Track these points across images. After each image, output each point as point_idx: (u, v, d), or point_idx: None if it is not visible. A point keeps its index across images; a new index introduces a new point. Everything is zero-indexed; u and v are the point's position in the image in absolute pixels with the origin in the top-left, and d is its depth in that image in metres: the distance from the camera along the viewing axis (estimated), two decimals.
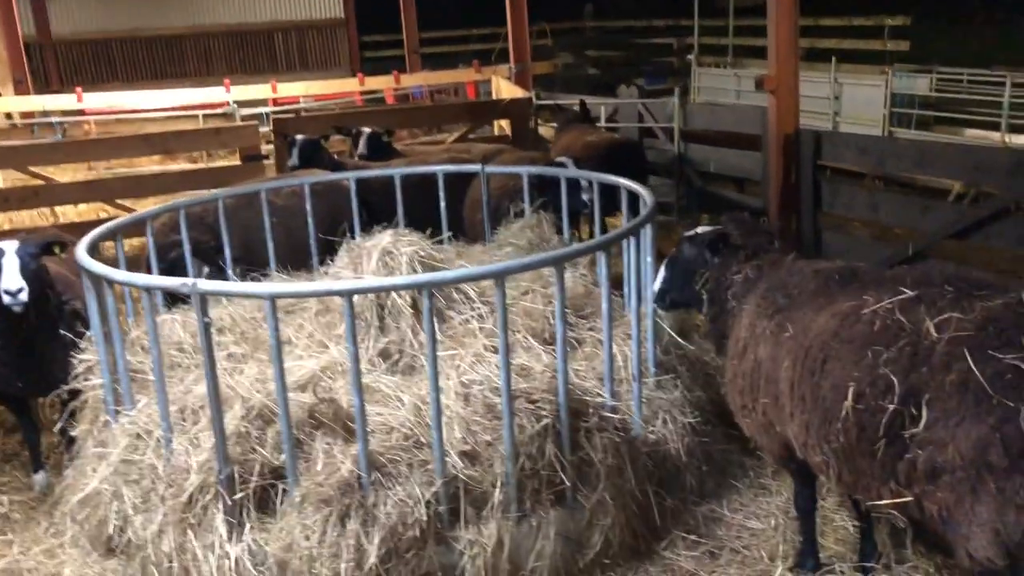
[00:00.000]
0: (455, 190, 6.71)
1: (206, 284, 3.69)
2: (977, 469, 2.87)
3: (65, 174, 11.52)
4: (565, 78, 21.09)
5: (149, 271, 5.91)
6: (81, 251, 4.30)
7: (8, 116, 14.01)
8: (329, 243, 5.79)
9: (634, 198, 5.35)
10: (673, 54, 20.70)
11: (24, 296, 4.40)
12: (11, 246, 4.49)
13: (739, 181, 9.54)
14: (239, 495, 3.80)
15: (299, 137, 7.59)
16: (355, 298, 3.93)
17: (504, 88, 12.63)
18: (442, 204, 6.27)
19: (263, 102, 12.88)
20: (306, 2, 23.09)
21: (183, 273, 5.75)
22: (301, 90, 13.69)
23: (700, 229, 4.39)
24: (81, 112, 12.88)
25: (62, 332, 4.70)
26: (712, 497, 4.63)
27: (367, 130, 8.42)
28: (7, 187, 9.29)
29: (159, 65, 22.11)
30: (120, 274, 4.05)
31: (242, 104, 12.23)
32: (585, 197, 5.87)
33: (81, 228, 6.11)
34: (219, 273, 5.72)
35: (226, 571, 3.75)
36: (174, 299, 5.42)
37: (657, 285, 4.42)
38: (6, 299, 4.39)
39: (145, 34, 21.81)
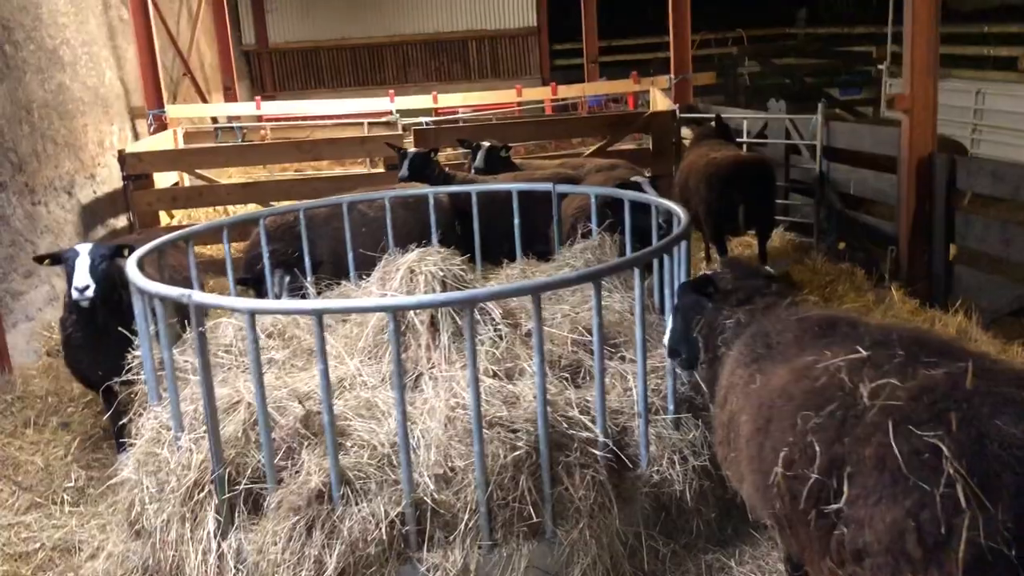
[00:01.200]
0: (542, 207, 6.71)
1: (200, 296, 3.94)
2: (895, 557, 2.58)
3: (239, 174, 12.55)
4: (754, 88, 20.38)
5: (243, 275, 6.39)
6: (131, 258, 4.69)
7: (214, 120, 15.39)
8: None
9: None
10: (872, 62, 19.46)
11: (90, 293, 4.89)
12: (85, 248, 4.99)
13: (880, 204, 8.87)
14: (228, 495, 4.03)
15: (410, 150, 7.85)
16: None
17: (659, 100, 12.44)
18: (516, 220, 6.30)
19: (426, 111, 13.38)
20: (500, 12, 23.65)
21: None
22: (460, 100, 14.09)
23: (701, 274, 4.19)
24: (259, 119, 13.94)
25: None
26: (722, 546, 4.39)
27: (486, 144, 8.57)
28: (177, 187, 10.20)
29: (361, 72, 23.42)
30: (138, 279, 4.35)
31: (404, 113, 12.77)
32: (661, 220, 5.65)
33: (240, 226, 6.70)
34: (295, 281, 6.06)
35: (210, 565, 3.99)
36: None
37: (666, 338, 4.25)
38: (75, 295, 4.90)
39: (349, 43, 23.17)
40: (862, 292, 7.94)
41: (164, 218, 10.87)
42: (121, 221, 10.62)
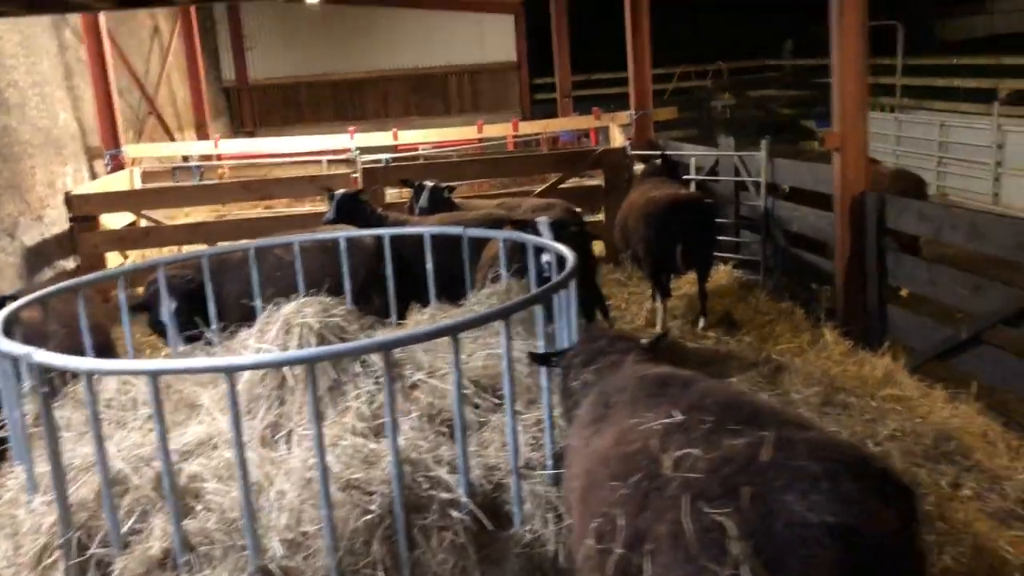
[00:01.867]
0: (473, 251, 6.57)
1: (40, 356, 3.82)
2: None
3: (201, 213, 12.51)
4: (726, 120, 20.38)
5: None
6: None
7: (185, 159, 15.34)
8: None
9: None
10: None
11: None
12: None
13: (821, 242, 8.75)
14: (77, 560, 3.89)
15: (338, 192, 7.76)
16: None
17: (616, 136, 12.38)
18: (428, 265, 6.19)
19: (387, 148, 13.33)
20: (480, 46, 23.72)
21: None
22: (421, 137, 14.04)
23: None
24: (218, 157, 13.91)
25: None
26: None
27: (429, 184, 8.48)
28: (124, 229, 10.14)
29: (341, 107, 23.49)
30: None
31: (365, 150, 12.72)
32: (544, 260, 5.53)
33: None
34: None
35: None
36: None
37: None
38: None
39: (329, 79, 23.26)
40: (799, 332, 7.81)
41: (117, 258, 10.79)
42: (69, 263, 10.55)
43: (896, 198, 6.95)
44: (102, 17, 11.67)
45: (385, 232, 6.38)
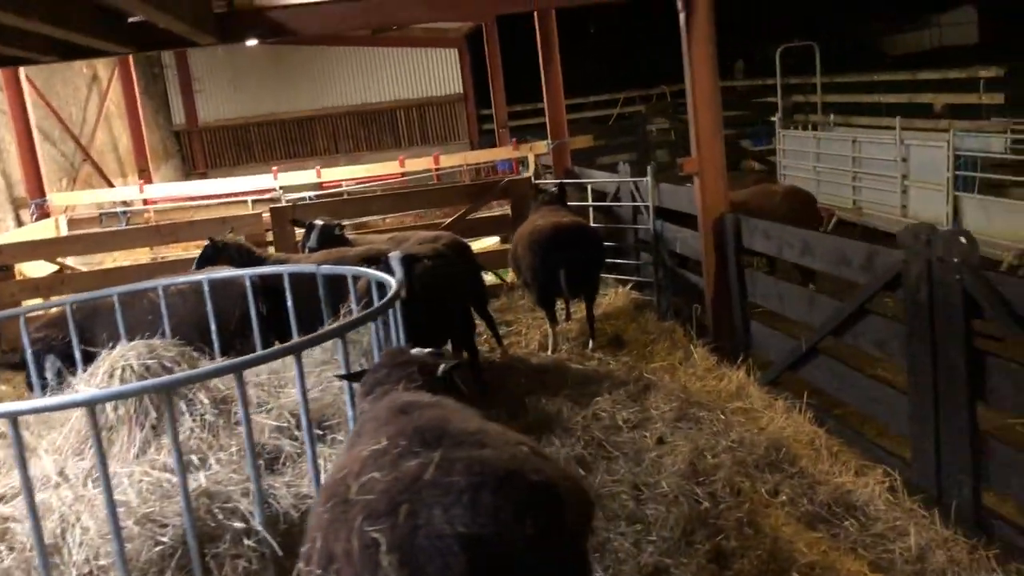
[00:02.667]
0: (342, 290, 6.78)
1: None
2: None
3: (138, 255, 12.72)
4: (671, 143, 20.76)
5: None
6: None
7: (125, 204, 15.59)
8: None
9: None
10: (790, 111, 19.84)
11: None
12: None
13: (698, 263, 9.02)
14: None
15: (218, 237, 8.01)
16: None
17: (532, 165, 12.69)
18: (288, 303, 6.39)
19: (311, 187, 13.61)
20: (427, 80, 24.14)
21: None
22: (346, 174, 14.33)
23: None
24: (144, 202, 14.17)
25: None
26: None
27: (319, 222, 8.73)
28: (40, 277, 10.35)
29: (291, 145, 23.82)
30: None
31: (289, 189, 13.01)
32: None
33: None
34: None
35: None
36: None
37: None
38: None
39: (278, 118, 23.60)
40: (675, 350, 8.07)
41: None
42: None
43: (748, 219, 7.23)
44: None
45: (246, 272, 6.60)
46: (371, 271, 5.86)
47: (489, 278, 9.86)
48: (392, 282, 5.31)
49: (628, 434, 6.45)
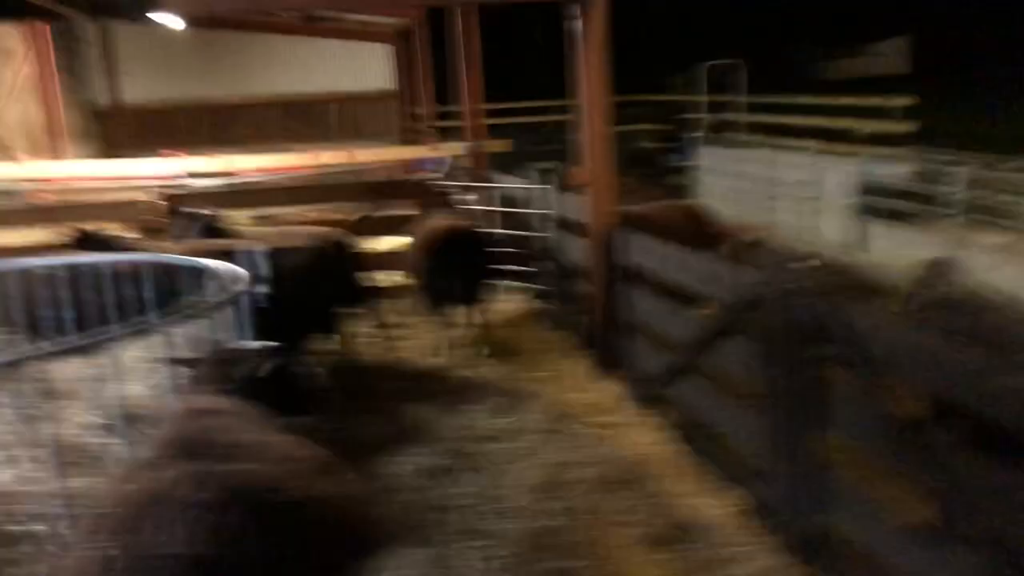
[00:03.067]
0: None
1: None
2: None
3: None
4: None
5: None
6: None
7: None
8: None
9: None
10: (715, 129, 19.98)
11: None
12: None
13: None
14: None
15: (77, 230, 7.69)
16: None
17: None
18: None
19: (220, 174, 13.24)
20: (359, 75, 23.83)
21: None
22: (256, 163, 13.99)
23: None
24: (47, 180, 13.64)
25: None
26: None
27: (204, 213, 8.49)
28: None
29: (217, 132, 23.28)
30: None
31: (199, 176, 12.62)
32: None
33: None
34: None
35: None
36: None
37: None
38: None
39: (206, 103, 23.08)
40: (561, 360, 8.01)
41: None
42: None
43: (629, 234, 7.17)
44: None
45: (56, 261, 6.32)
46: (214, 264, 5.60)
47: (394, 280, 9.75)
48: (241, 276, 5.14)
49: (497, 445, 6.35)
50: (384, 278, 9.74)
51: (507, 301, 9.79)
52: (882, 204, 11.96)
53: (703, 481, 5.60)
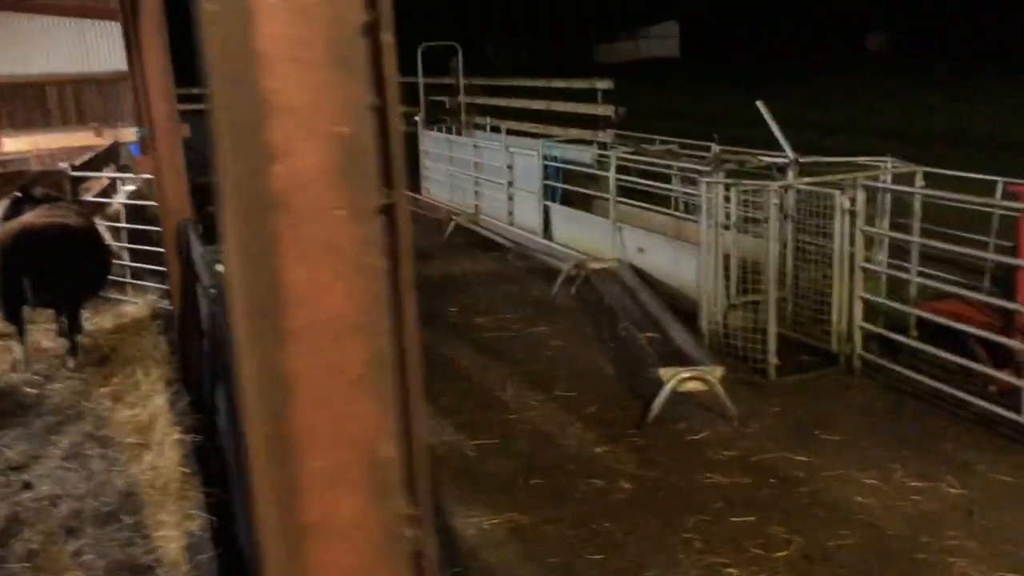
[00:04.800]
0: None
1: None
2: None
3: None
4: None
5: None
6: None
7: None
8: None
9: None
10: (447, 112, 19.62)
11: None
12: None
13: None
14: None
15: None
16: None
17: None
18: None
19: None
20: (84, 56, 22.03)
21: None
22: None
23: None
24: None
25: None
26: None
27: None
28: None
29: None
30: None
31: None
32: None
33: None
34: None
35: None
36: None
37: None
38: None
39: None
40: (148, 369, 7.28)
41: None
42: None
43: (190, 223, 6.54)
44: None
45: None
46: None
47: None
48: None
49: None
50: None
51: (136, 303, 8.95)
52: (560, 188, 11.89)
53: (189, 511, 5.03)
